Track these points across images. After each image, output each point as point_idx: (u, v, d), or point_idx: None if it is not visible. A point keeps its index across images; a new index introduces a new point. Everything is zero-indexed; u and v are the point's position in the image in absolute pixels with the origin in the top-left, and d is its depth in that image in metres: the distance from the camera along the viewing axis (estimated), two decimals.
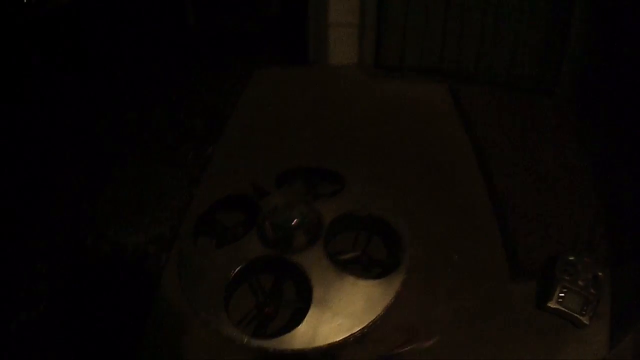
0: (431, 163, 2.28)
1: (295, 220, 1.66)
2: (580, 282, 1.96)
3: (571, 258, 2.00)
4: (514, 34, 2.71)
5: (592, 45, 2.70)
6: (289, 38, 2.96)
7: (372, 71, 2.72)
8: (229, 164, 2.18)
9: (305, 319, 1.51)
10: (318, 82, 2.65)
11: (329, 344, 1.49)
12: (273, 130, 2.34)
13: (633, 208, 2.34)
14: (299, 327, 1.49)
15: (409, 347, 1.59)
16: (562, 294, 1.94)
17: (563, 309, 1.91)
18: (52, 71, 3.26)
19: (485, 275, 1.95)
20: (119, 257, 2.20)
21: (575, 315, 1.90)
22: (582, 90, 2.80)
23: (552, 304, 1.91)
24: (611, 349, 1.88)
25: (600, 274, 1.97)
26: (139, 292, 2.02)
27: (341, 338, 1.50)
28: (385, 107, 2.52)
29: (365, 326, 1.54)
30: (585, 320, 1.89)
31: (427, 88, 2.66)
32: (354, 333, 1.52)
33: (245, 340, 1.47)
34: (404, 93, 2.61)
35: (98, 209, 2.33)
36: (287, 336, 1.48)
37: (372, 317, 1.55)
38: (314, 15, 2.66)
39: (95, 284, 2.08)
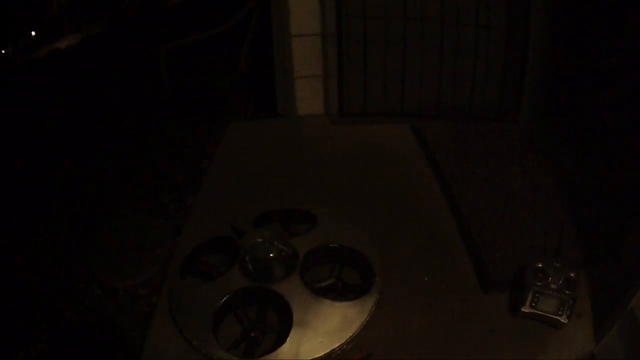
0: (397, 197, 2.41)
1: (271, 253, 1.80)
2: (552, 285, 2.00)
3: (540, 265, 2.04)
4: (472, 69, 2.83)
5: (550, 69, 2.84)
6: (259, 93, 3.12)
7: (337, 119, 2.86)
8: (209, 211, 2.30)
9: (288, 339, 1.64)
10: (287, 133, 2.81)
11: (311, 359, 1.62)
12: (248, 179, 2.48)
13: (597, 215, 2.40)
14: (283, 346, 1.63)
15: None
16: (535, 298, 1.99)
17: (538, 311, 1.96)
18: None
19: (456, 291, 2.05)
20: (110, 300, 2.34)
21: (551, 316, 1.95)
22: (544, 114, 2.93)
23: (525, 309, 1.96)
24: (597, 344, 1.94)
25: (572, 274, 2.01)
26: (132, 331, 2.17)
27: (322, 354, 1.63)
28: (351, 151, 2.67)
29: (344, 342, 1.67)
30: (562, 319, 1.93)
31: (390, 130, 2.81)
32: (334, 349, 1.65)
33: None
34: (367, 137, 2.76)
35: (89, 256, 2.48)
36: (272, 355, 1.61)
37: (349, 334, 1.69)
38: (279, 70, 2.80)
39: (89, 324, 2.22)
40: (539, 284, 2.00)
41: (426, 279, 2.07)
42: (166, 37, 3.78)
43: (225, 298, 1.76)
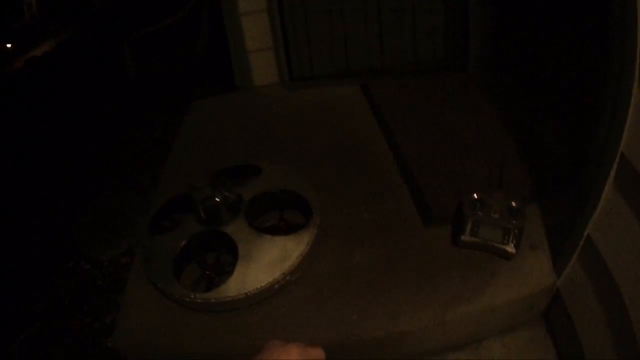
0: (342, 148, 2.58)
1: (218, 199, 2.00)
2: (494, 215, 2.01)
3: (477, 195, 2.07)
4: (413, 23, 2.99)
5: (493, 15, 2.97)
6: (219, 72, 3.33)
7: (289, 85, 3.06)
8: (174, 177, 2.51)
9: (234, 272, 1.84)
10: (242, 103, 3.01)
11: (256, 288, 1.80)
12: (208, 147, 2.69)
13: (546, 147, 2.50)
14: (229, 279, 1.82)
15: None
16: (476, 227, 1.99)
17: (479, 240, 1.98)
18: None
19: (397, 226, 2.15)
20: (97, 272, 2.58)
21: (495, 244, 1.97)
22: (490, 59, 3.06)
23: (465, 237, 1.99)
24: (559, 276, 1.92)
25: (514, 204, 2.03)
26: (117, 296, 2.40)
27: (264, 283, 1.81)
28: (301, 112, 2.87)
29: (285, 272, 1.85)
30: (509, 248, 1.94)
31: (338, 90, 3.01)
32: (275, 278, 1.83)
33: (192, 296, 1.80)
34: (317, 98, 2.96)
35: (77, 236, 2.72)
36: (222, 288, 1.80)
37: (289, 264, 1.86)
38: (233, 47, 2.99)
39: (79, 296, 2.47)
40: (479, 213, 2.02)
41: (366, 216, 2.20)
42: (129, 28, 3.98)
43: (183, 243, 1.96)
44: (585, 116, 2.04)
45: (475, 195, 2.08)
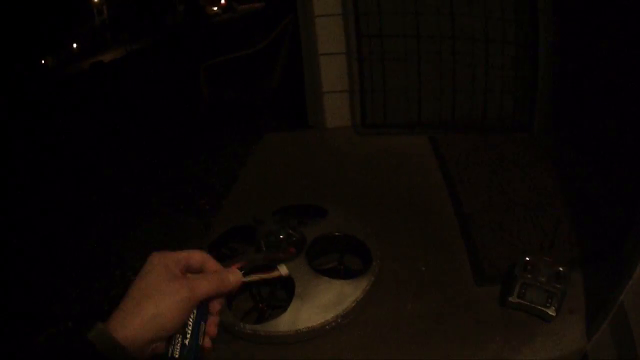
0: (406, 199, 2.59)
1: (282, 236, 2.02)
2: (541, 278, 2.03)
3: (529, 258, 2.07)
4: (485, 82, 2.99)
5: (560, 80, 2.96)
6: (292, 107, 3.36)
7: (361, 130, 3.07)
8: (237, 207, 2.53)
9: (288, 308, 1.84)
10: (313, 142, 3.04)
11: (307, 327, 1.80)
12: (275, 182, 2.70)
13: (597, 214, 2.48)
14: (283, 315, 1.83)
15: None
16: (523, 290, 2.01)
17: (525, 302, 1.98)
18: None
19: (450, 282, 2.14)
20: None
21: (539, 307, 1.97)
22: (556, 123, 3.04)
23: (512, 299, 2.00)
24: (589, 340, 1.91)
25: (561, 269, 2.03)
26: None
27: (317, 324, 1.81)
28: (369, 158, 2.87)
29: (338, 315, 1.85)
30: (550, 312, 1.95)
31: (407, 140, 3.02)
32: (328, 320, 1.83)
33: (241, 325, 1.81)
34: (386, 146, 2.96)
35: (127, 249, 2.75)
36: (273, 322, 1.81)
37: (343, 308, 1.86)
38: (309, 86, 3.02)
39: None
40: (528, 276, 2.03)
41: (423, 269, 2.19)
42: (206, 53, 4.07)
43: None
44: None
45: (527, 258, 2.09)
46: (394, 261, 2.21)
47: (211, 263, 0.96)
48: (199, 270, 0.94)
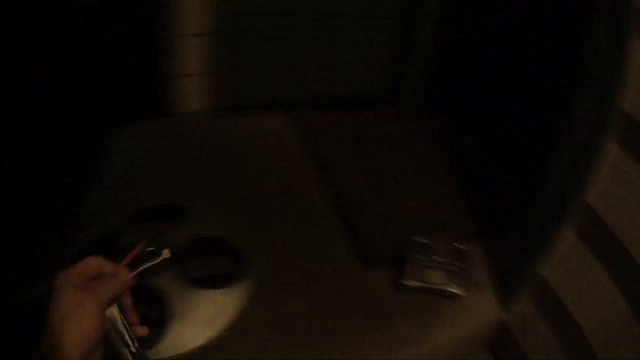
0: (273, 187, 2.48)
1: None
2: (437, 257, 2.01)
3: (419, 238, 2.06)
4: (350, 57, 2.94)
5: (434, 52, 2.99)
6: (138, 92, 3.13)
7: (217, 114, 2.91)
8: (93, 216, 2.30)
9: (168, 331, 1.73)
10: (171, 133, 2.83)
11: (192, 348, 1.70)
12: (132, 182, 2.50)
13: (491, 187, 2.55)
14: (164, 339, 1.71)
15: None
16: (419, 271, 1.97)
17: (423, 284, 1.96)
18: None
19: (334, 272, 2.08)
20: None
21: (440, 287, 1.96)
22: (429, 96, 3.06)
23: (407, 282, 1.95)
24: (508, 312, 1.95)
25: (458, 245, 2.06)
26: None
27: (202, 342, 1.72)
28: (228, 145, 2.73)
29: (221, 328, 1.76)
30: (454, 289, 1.95)
31: (268, 121, 2.91)
32: (212, 336, 1.74)
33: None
34: (245, 130, 2.83)
35: None
36: (154, 350, 1.68)
37: (225, 319, 1.78)
38: (163, 69, 2.82)
39: None
40: (421, 257, 2.01)
41: (301, 261, 2.11)
42: None
43: None
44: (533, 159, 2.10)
45: (416, 237, 2.07)
46: (270, 258, 2.10)
47: (106, 265, 1.08)
48: (99, 275, 1.06)
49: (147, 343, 1.73)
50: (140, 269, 1.82)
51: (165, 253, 1.84)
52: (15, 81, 2.35)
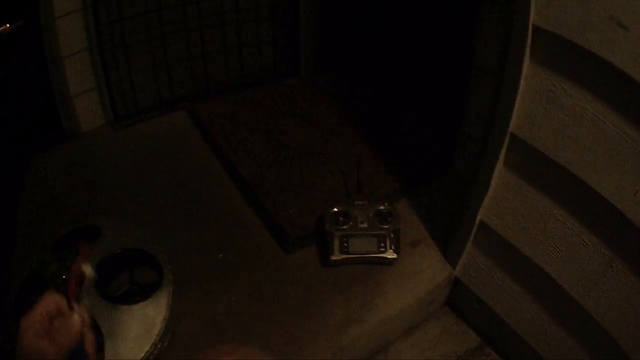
0: (180, 186, 2.47)
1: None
2: (362, 225, 1.98)
3: (338, 208, 2.02)
4: (238, 36, 2.93)
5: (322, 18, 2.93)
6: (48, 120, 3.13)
7: (117, 125, 2.89)
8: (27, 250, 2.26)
9: (102, 355, 1.73)
10: (74, 154, 2.80)
11: None
12: (54, 209, 2.48)
13: (398, 142, 2.52)
14: None
15: None
16: (345, 243, 1.94)
17: (352, 255, 1.93)
18: None
19: (256, 261, 2.09)
20: None
21: (372, 255, 1.94)
22: (324, 63, 3.05)
23: (335, 257, 1.94)
24: (455, 266, 1.95)
25: (381, 208, 2.02)
26: None
27: (138, 358, 1.74)
28: (133, 154, 2.71)
29: (155, 342, 1.78)
30: (388, 255, 1.94)
31: (166, 121, 2.90)
32: (148, 350, 1.77)
33: None
34: (145, 135, 2.82)
35: None
36: None
37: (156, 331, 1.80)
38: (58, 93, 2.77)
39: None
40: (344, 227, 1.98)
41: (220, 256, 2.11)
42: None
43: None
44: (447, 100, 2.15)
45: (335, 208, 2.04)
46: (190, 260, 2.11)
47: (64, 306, 1.03)
48: (59, 312, 1.01)
49: None
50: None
51: (90, 272, 1.90)
52: None
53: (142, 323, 1.83)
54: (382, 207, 2.05)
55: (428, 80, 2.53)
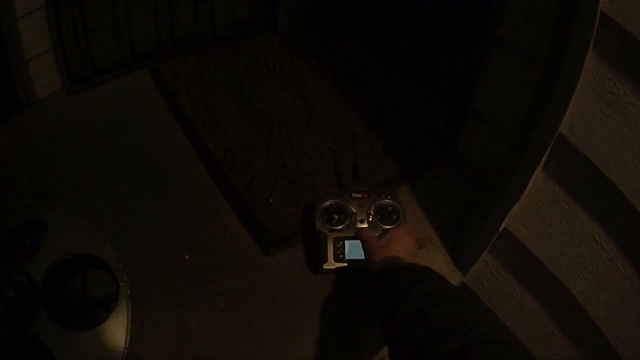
0: (141, 166, 2.15)
1: (9, 294, 1.61)
2: (359, 222, 1.73)
3: (330, 202, 1.76)
4: None
5: None
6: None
7: (73, 89, 2.57)
8: None
9: None
10: (27, 127, 2.45)
11: None
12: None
13: (399, 120, 2.27)
14: None
15: None
16: (339, 245, 1.69)
17: (349, 263, 1.68)
18: None
19: (231, 264, 1.82)
20: None
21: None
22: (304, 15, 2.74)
23: (328, 265, 1.68)
24: (465, 272, 1.79)
25: (383, 200, 1.77)
26: None
27: None
28: (87, 124, 2.39)
29: None
30: None
31: (124, 83, 2.58)
32: None
33: None
34: (102, 101, 2.51)
35: None
36: None
37: (121, 353, 1.57)
38: (12, 58, 2.47)
39: None
40: (338, 228, 1.72)
41: (187, 257, 1.83)
42: None
43: None
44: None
45: (327, 202, 1.76)
46: (148, 260, 1.80)
47: None
48: None
49: None
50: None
51: (8, 293, 1.59)
52: None
53: (105, 344, 1.59)
54: (385, 202, 1.77)
55: (432, 45, 2.22)
